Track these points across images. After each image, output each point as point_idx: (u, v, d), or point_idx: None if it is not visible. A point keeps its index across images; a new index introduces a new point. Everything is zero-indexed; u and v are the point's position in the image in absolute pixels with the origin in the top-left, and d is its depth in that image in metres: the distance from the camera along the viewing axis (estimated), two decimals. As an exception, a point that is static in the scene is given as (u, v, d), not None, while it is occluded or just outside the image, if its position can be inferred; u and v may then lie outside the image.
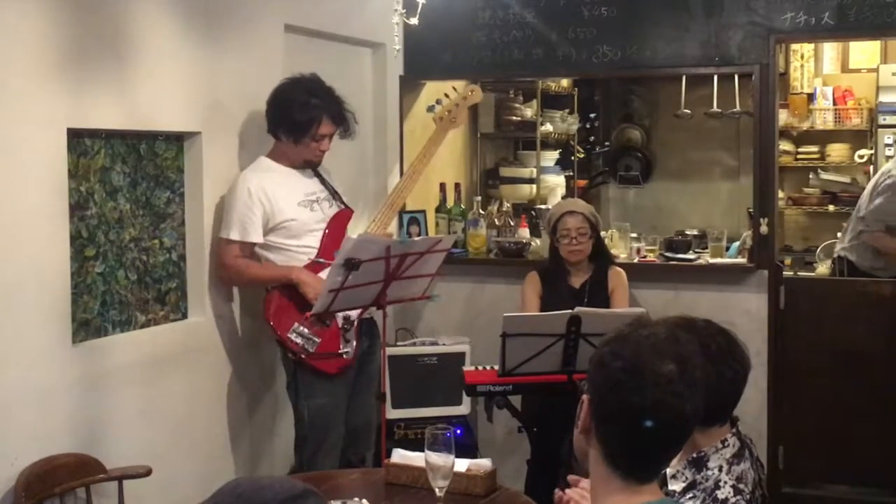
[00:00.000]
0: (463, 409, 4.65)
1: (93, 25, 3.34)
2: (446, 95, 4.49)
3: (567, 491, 2.26)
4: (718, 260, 4.81)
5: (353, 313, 3.89)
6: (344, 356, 3.90)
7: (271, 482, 1.44)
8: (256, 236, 3.85)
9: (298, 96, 3.89)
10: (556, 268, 4.38)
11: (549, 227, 4.41)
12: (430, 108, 4.42)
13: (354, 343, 3.95)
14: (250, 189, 3.84)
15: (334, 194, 4.08)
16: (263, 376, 4.25)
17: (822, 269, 5.57)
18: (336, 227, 3.98)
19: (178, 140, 3.85)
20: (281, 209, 3.87)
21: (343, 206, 4.08)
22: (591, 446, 1.68)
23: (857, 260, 5.11)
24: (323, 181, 4.07)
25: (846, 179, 6.79)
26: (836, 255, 5.32)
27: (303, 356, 3.83)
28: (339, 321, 3.88)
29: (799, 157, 6.84)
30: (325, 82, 3.97)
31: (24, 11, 3.08)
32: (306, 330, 3.82)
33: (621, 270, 4.41)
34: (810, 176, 6.82)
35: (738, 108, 6.01)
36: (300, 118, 3.87)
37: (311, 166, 4.03)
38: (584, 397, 1.69)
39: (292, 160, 3.97)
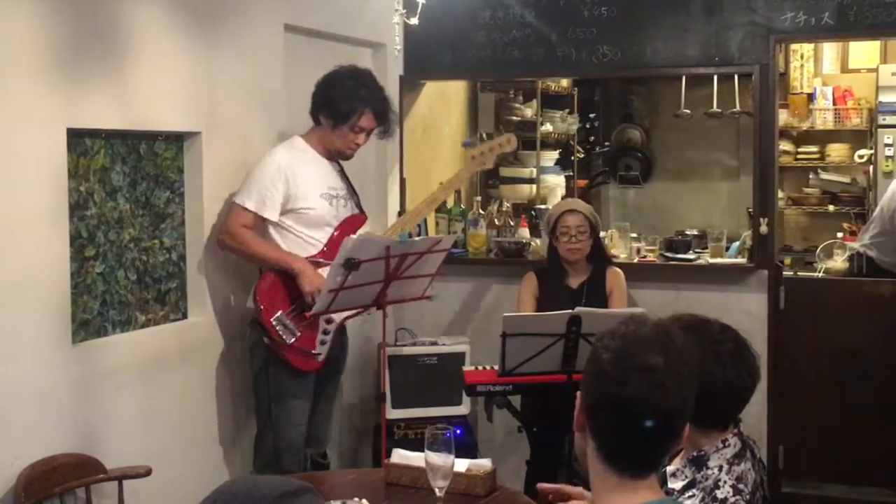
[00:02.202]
0: (463, 409, 4.65)
1: (92, 25, 3.34)
2: (482, 138, 4.48)
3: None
4: (718, 260, 4.81)
5: (336, 318, 3.87)
6: (317, 357, 3.87)
7: (267, 480, 1.47)
8: (271, 214, 3.81)
9: (348, 82, 3.89)
10: (554, 268, 4.38)
11: (548, 227, 4.41)
12: (466, 144, 4.43)
13: (328, 347, 3.91)
14: (280, 164, 3.81)
15: (353, 195, 4.07)
16: (263, 376, 4.24)
17: (839, 264, 5.50)
18: (347, 229, 3.94)
19: (177, 140, 3.85)
20: (304, 195, 3.85)
21: (358, 210, 4.07)
22: (586, 443, 1.69)
23: (877, 256, 5.05)
24: (346, 180, 4.06)
25: (846, 179, 6.79)
26: (854, 252, 5.26)
27: (281, 347, 3.78)
28: (321, 323, 3.86)
29: (799, 157, 6.85)
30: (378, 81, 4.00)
31: (23, 11, 3.08)
32: (289, 321, 3.80)
33: (619, 271, 4.41)
34: (810, 176, 6.82)
35: (738, 108, 6.01)
36: (343, 104, 3.86)
37: (342, 158, 4.01)
38: (578, 393, 1.70)
39: (326, 147, 3.95)
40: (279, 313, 3.79)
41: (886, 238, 5.03)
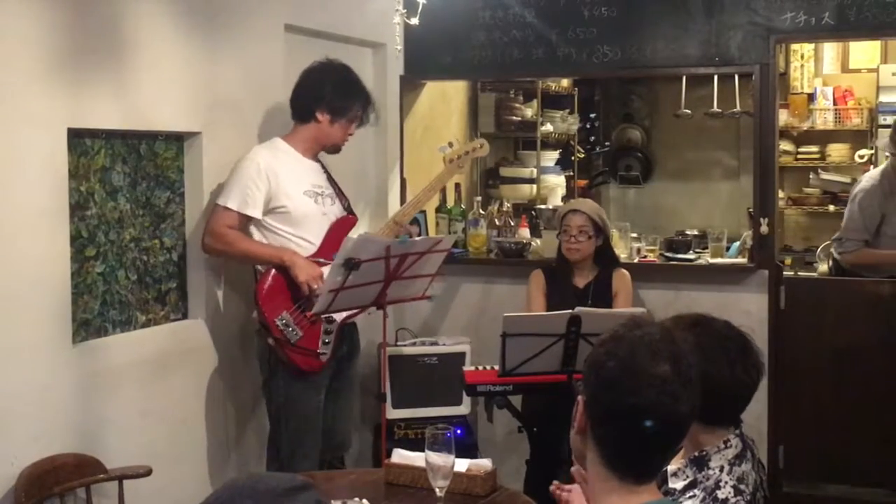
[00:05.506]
0: (463, 409, 4.65)
1: (93, 25, 3.34)
2: (450, 144, 4.36)
3: (566, 489, 2.26)
4: (718, 260, 4.81)
5: (337, 318, 3.85)
6: (321, 357, 3.86)
7: (270, 476, 1.48)
8: (254, 211, 3.78)
9: (340, 76, 3.94)
10: (562, 267, 4.38)
11: (556, 224, 4.43)
12: (443, 148, 4.39)
13: (332, 346, 3.89)
14: (260, 164, 3.79)
15: (339, 194, 4.06)
16: (263, 376, 4.25)
17: (823, 267, 5.53)
18: (338, 231, 3.92)
19: (178, 140, 3.85)
20: (286, 193, 3.83)
21: (347, 212, 4.05)
22: (587, 447, 1.68)
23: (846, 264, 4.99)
24: (330, 179, 4.05)
25: (846, 179, 6.78)
26: (832, 255, 5.23)
27: (284, 346, 3.76)
28: (323, 323, 3.84)
29: (799, 157, 6.84)
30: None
31: (23, 11, 3.08)
32: (292, 320, 3.79)
33: (626, 273, 4.40)
34: (810, 176, 6.82)
35: (738, 108, 6.01)
36: (343, 99, 3.90)
37: (334, 151, 4.02)
38: (580, 398, 1.69)
39: (320, 143, 3.95)
40: (284, 313, 3.77)
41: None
